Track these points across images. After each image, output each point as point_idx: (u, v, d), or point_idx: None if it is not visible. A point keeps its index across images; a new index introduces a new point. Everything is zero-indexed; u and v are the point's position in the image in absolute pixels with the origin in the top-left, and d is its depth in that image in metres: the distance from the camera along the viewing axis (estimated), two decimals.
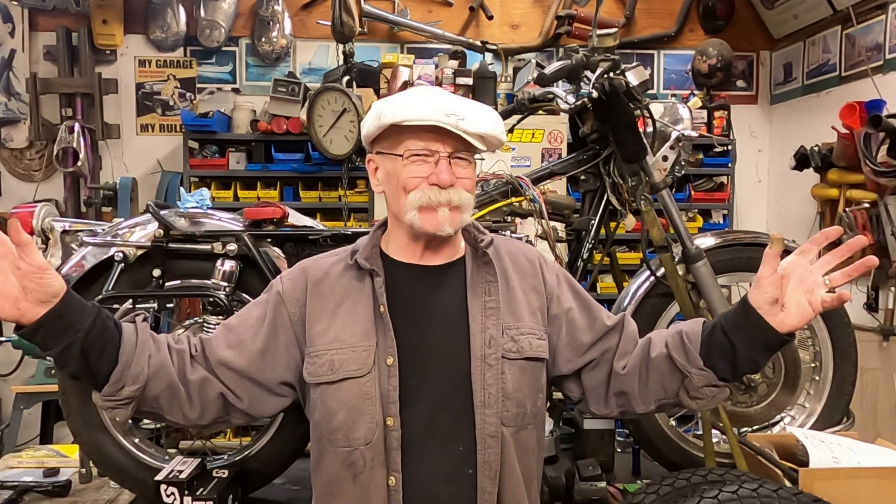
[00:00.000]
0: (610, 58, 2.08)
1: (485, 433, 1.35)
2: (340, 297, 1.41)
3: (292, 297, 1.42)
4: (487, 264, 1.44)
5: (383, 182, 1.44)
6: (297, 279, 1.44)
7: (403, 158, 1.37)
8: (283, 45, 4.36)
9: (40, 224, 2.17)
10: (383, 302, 1.38)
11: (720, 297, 2.12)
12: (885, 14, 3.59)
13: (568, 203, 2.23)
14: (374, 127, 1.39)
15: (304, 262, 1.49)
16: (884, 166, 3.23)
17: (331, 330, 1.38)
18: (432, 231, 1.36)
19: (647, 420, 2.19)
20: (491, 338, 1.38)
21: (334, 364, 1.35)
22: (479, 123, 1.37)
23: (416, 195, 1.35)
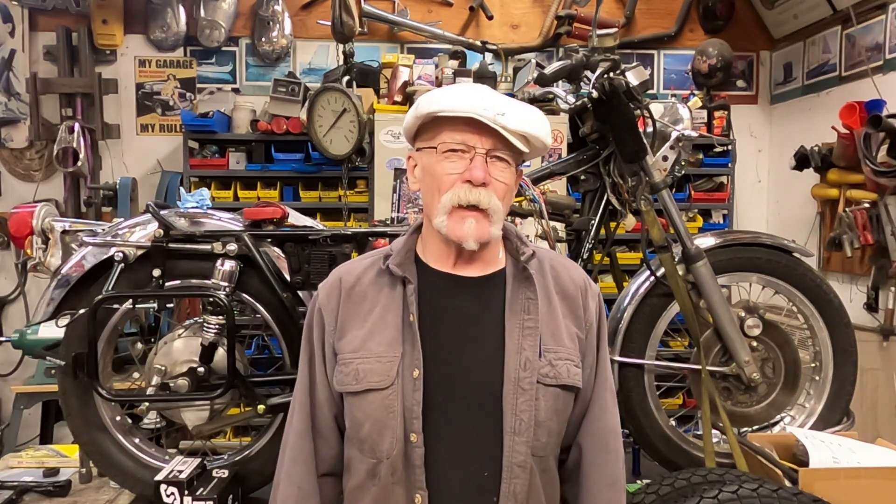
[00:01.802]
0: (610, 58, 2.08)
1: (513, 461, 1.27)
2: (372, 304, 1.35)
3: (328, 307, 1.37)
4: (528, 279, 1.36)
5: (419, 179, 1.38)
6: (332, 288, 1.38)
7: (438, 152, 1.31)
8: (283, 45, 4.36)
9: (40, 224, 2.17)
10: (413, 311, 1.31)
11: (720, 297, 2.12)
12: (885, 14, 3.59)
13: (568, 203, 2.23)
14: (412, 118, 1.35)
15: (340, 268, 1.43)
16: (884, 166, 3.23)
17: (359, 338, 1.33)
18: (456, 241, 1.30)
19: (647, 420, 2.19)
20: (527, 360, 1.30)
21: (359, 374, 1.30)
22: (520, 121, 1.29)
23: (449, 195, 1.29)
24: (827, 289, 2.25)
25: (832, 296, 2.24)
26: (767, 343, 2.18)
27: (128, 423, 2.20)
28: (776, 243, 2.23)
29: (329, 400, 1.38)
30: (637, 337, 2.17)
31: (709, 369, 2.09)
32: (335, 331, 1.35)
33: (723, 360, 2.16)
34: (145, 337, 2.26)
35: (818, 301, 2.23)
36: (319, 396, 1.38)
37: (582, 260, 2.18)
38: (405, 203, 3.84)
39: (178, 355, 2.09)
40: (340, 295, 1.37)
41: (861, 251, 3.57)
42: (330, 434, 1.39)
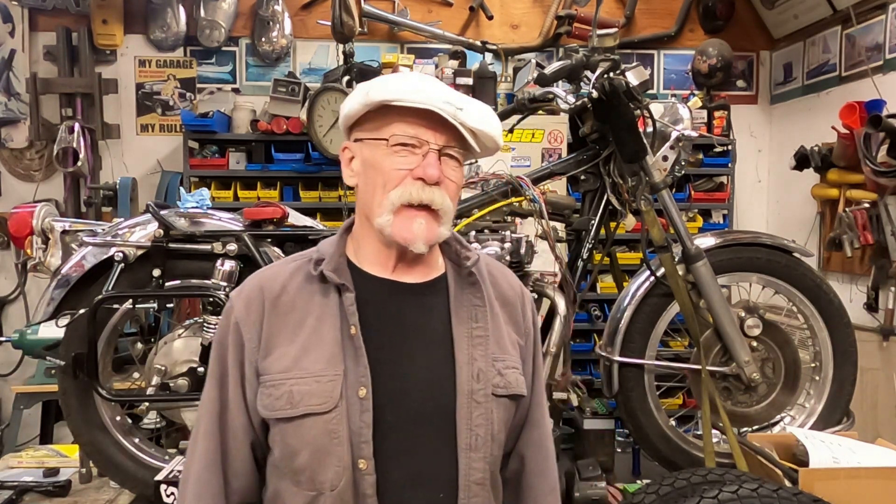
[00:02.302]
0: (610, 58, 2.08)
1: (470, 480, 1.18)
2: (302, 316, 1.20)
3: (248, 321, 1.20)
4: (474, 285, 1.27)
5: (359, 173, 1.24)
6: (252, 299, 1.21)
7: (388, 145, 1.18)
8: (283, 45, 4.36)
9: (40, 224, 2.17)
10: (354, 322, 1.17)
11: (720, 297, 2.12)
12: (885, 14, 3.59)
13: (568, 203, 2.23)
14: (360, 105, 1.20)
15: (258, 275, 1.26)
16: (884, 166, 3.23)
17: (289, 355, 1.17)
18: (402, 243, 1.19)
19: (647, 420, 2.19)
20: (479, 371, 1.21)
21: (294, 396, 1.14)
22: (478, 118, 1.20)
23: (398, 192, 1.17)
24: (827, 289, 2.25)
25: (832, 296, 2.24)
26: (767, 343, 2.18)
27: (128, 423, 2.20)
28: (776, 243, 2.23)
29: (245, 426, 1.21)
30: (637, 337, 2.17)
31: (709, 369, 2.09)
32: (258, 348, 1.19)
33: (723, 360, 2.16)
34: (145, 337, 2.26)
35: (818, 301, 2.23)
36: (233, 423, 1.20)
37: (582, 260, 2.18)
38: None
39: (178, 355, 2.10)
40: (263, 306, 1.20)
41: (861, 251, 3.57)
42: (243, 465, 1.22)
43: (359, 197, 1.25)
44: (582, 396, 2.57)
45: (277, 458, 1.19)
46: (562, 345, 2.06)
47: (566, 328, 2.06)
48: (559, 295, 2.08)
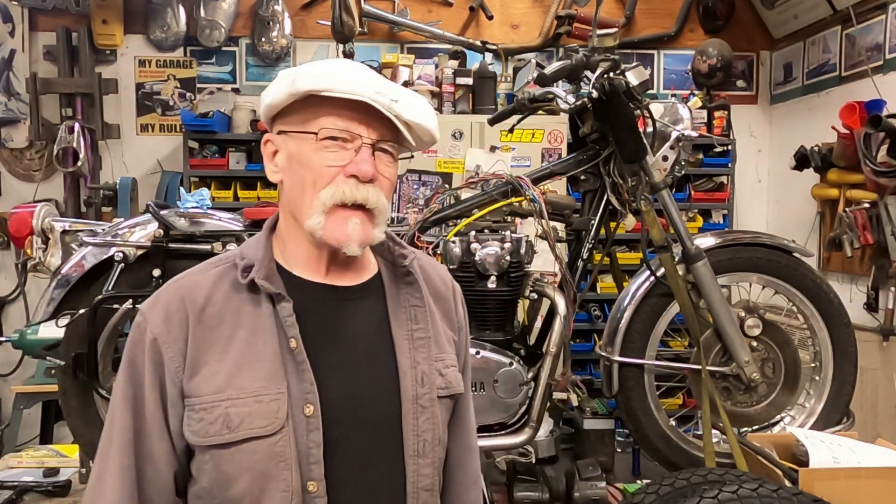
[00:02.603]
0: (610, 58, 2.08)
1: (419, 486, 1.12)
2: (231, 329, 1.08)
3: (169, 337, 1.06)
4: (411, 285, 1.20)
5: (283, 169, 1.14)
6: (172, 311, 1.08)
7: (317, 139, 1.09)
8: (283, 45, 4.36)
9: (40, 224, 2.17)
10: (294, 335, 1.08)
11: (720, 297, 2.12)
12: (885, 14, 3.59)
13: (568, 203, 2.23)
14: (285, 94, 1.09)
15: (177, 285, 1.11)
16: (884, 166, 3.23)
17: (221, 373, 1.05)
18: (335, 245, 1.10)
19: (647, 420, 2.19)
20: (423, 374, 1.15)
21: (231, 420, 1.03)
22: (414, 111, 1.11)
23: (329, 191, 1.08)
24: (827, 289, 2.25)
25: (832, 296, 2.24)
26: (767, 343, 2.18)
27: None
28: (776, 243, 2.23)
29: (168, 455, 1.07)
30: (637, 337, 2.17)
31: (709, 369, 2.09)
32: (182, 367, 1.06)
33: (723, 360, 2.16)
34: None
35: (818, 301, 2.23)
36: (153, 452, 1.07)
37: (582, 260, 2.18)
38: (405, 203, 3.84)
39: None
40: (187, 320, 1.07)
41: (861, 251, 3.57)
42: (165, 499, 1.09)
43: (284, 195, 1.15)
44: (582, 396, 2.57)
45: (207, 487, 1.06)
46: (562, 345, 2.06)
47: (566, 328, 2.06)
48: (559, 295, 2.08)
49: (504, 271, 2.06)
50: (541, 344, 2.16)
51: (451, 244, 2.07)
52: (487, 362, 2.04)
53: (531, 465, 2.25)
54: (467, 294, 2.07)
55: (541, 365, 2.08)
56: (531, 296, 2.17)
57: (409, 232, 2.08)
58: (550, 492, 2.10)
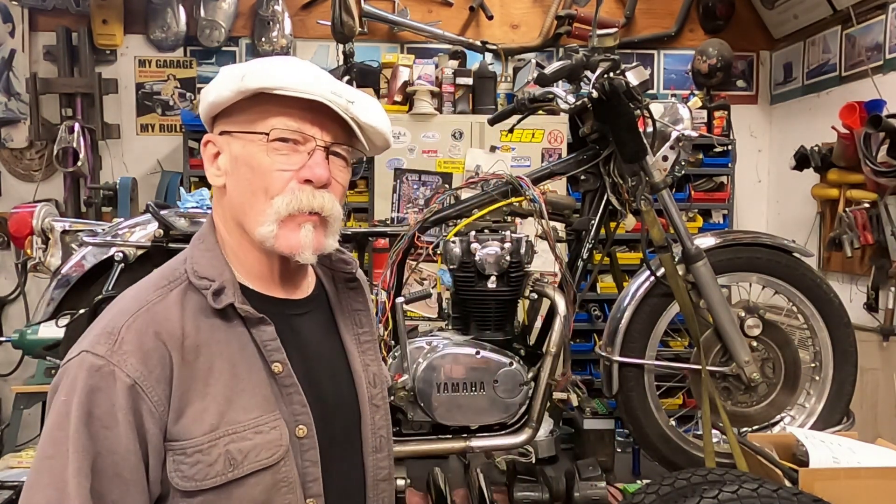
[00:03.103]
0: (610, 58, 2.08)
1: (378, 479, 1.16)
2: (209, 360, 1.00)
3: (150, 378, 0.95)
4: (355, 290, 1.20)
5: (228, 172, 1.05)
6: (148, 350, 0.96)
7: (268, 140, 1.01)
8: (283, 45, 4.36)
9: (40, 224, 2.17)
10: (280, 359, 1.03)
11: (720, 297, 2.12)
12: (885, 14, 3.59)
13: (568, 203, 2.23)
14: (232, 91, 1.01)
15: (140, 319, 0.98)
16: (884, 166, 3.23)
17: (211, 410, 0.98)
18: (287, 253, 1.04)
19: (647, 420, 2.19)
20: (374, 375, 1.17)
21: (234, 457, 0.97)
22: (371, 113, 1.07)
23: (285, 200, 1.01)
24: (827, 289, 2.25)
25: (832, 296, 2.24)
26: (767, 343, 2.18)
27: None
28: (776, 243, 2.23)
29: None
30: (637, 337, 2.17)
31: (709, 369, 2.09)
32: (167, 411, 0.96)
33: (723, 360, 2.16)
34: None
35: (818, 301, 2.23)
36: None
37: (582, 260, 2.18)
38: (405, 203, 3.84)
39: None
40: (170, 357, 0.97)
41: (861, 251, 3.57)
42: None
43: (228, 201, 1.06)
44: (582, 396, 2.57)
45: None
46: (562, 345, 2.06)
47: (566, 328, 2.06)
48: (559, 295, 2.08)
49: (504, 271, 2.06)
50: (541, 344, 2.16)
51: (451, 244, 2.07)
52: (487, 362, 2.04)
53: (531, 465, 2.25)
54: (467, 294, 2.09)
55: (541, 365, 2.08)
56: (531, 296, 2.17)
57: (409, 232, 2.08)
58: (550, 492, 2.10)
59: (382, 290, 2.06)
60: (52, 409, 0.96)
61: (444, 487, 2.20)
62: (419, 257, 2.11)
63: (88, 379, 0.94)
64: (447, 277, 2.14)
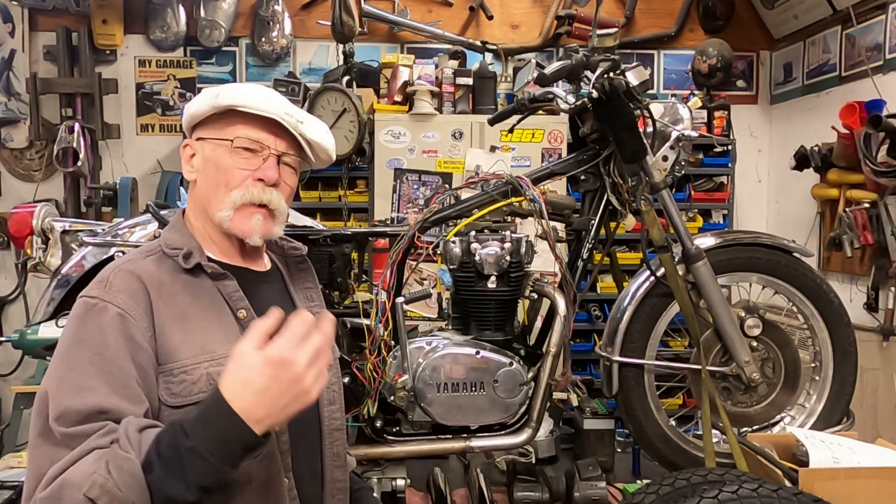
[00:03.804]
0: (610, 58, 2.08)
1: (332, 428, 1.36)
2: (183, 305, 1.22)
3: (138, 308, 1.17)
4: (304, 271, 1.45)
5: (199, 169, 1.32)
6: (133, 289, 1.19)
7: (232, 146, 1.29)
8: (283, 45, 4.36)
9: (40, 224, 2.17)
10: (245, 306, 1.27)
11: (720, 297, 2.12)
12: (885, 14, 3.59)
13: (568, 203, 2.22)
14: (208, 106, 1.30)
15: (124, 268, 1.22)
16: (884, 166, 3.23)
17: (190, 341, 1.20)
18: (240, 235, 1.30)
19: (647, 420, 2.19)
20: None
21: (213, 378, 1.15)
22: (316, 132, 1.35)
23: (240, 192, 1.28)
24: (827, 289, 2.25)
25: (832, 296, 2.24)
26: (767, 343, 2.18)
27: None
28: (776, 243, 2.23)
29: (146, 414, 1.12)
30: (637, 337, 2.17)
31: (709, 369, 2.09)
32: (154, 337, 1.17)
33: (723, 360, 2.16)
34: None
35: (818, 301, 2.23)
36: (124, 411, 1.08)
37: (582, 260, 2.18)
38: (405, 203, 3.84)
39: None
40: (148, 294, 1.19)
41: (861, 251, 3.57)
42: None
43: (197, 191, 1.33)
44: (582, 396, 2.57)
45: None
46: (562, 345, 2.06)
47: (566, 328, 2.06)
48: (559, 295, 2.08)
49: (504, 271, 2.06)
50: (541, 344, 2.16)
51: (451, 244, 2.07)
52: (487, 362, 2.04)
53: (531, 465, 2.25)
54: (467, 294, 2.09)
55: (541, 365, 2.08)
56: (531, 296, 2.17)
57: (409, 232, 2.08)
58: (550, 492, 2.10)
59: (382, 290, 2.06)
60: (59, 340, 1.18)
61: (444, 487, 2.20)
62: (419, 257, 2.11)
63: (84, 313, 1.16)
64: (447, 277, 2.14)
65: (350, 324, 2.21)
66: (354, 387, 2.06)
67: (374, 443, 2.09)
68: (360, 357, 2.09)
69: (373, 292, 2.18)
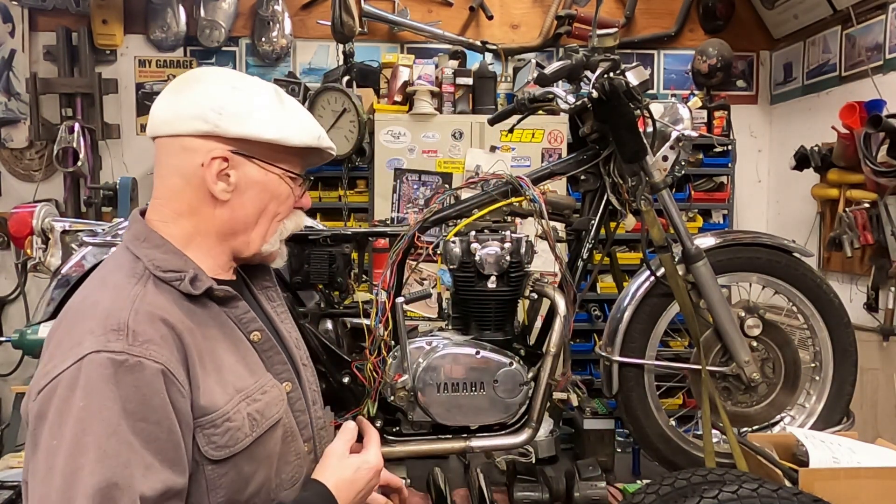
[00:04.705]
0: (610, 58, 2.08)
1: (318, 427, 1.31)
2: (197, 341, 1.09)
3: (173, 362, 1.03)
4: (261, 269, 1.34)
5: (241, 191, 1.16)
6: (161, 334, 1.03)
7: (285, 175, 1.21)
8: (283, 45, 4.36)
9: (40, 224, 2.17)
10: (258, 328, 1.19)
11: (720, 297, 2.12)
12: (885, 14, 3.59)
13: (568, 203, 2.22)
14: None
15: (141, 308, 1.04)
16: (884, 166, 3.23)
17: (220, 383, 1.09)
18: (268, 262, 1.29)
19: (647, 420, 2.19)
20: (296, 339, 1.33)
21: (255, 417, 1.11)
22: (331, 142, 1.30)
23: (292, 224, 1.25)
24: (827, 289, 2.25)
25: (832, 296, 2.24)
26: (767, 343, 2.18)
27: None
28: (776, 243, 2.23)
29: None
30: (637, 337, 2.17)
31: (709, 369, 2.09)
32: (190, 389, 1.05)
33: (723, 360, 2.16)
34: None
35: (818, 301, 2.23)
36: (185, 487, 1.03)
37: (582, 260, 2.18)
38: (405, 203, 3.84)
39: None
40: (181, 339, 1.05)
41: (861, 251, 3.57)
42: None
43: (219, 213, 1.16)
44: (582, 396, 2.56)
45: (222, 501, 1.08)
46: (562, 345, 2.06)
47: (566, 328, 2.06)
48: (559, 295, 2.08)
49: (504, 271, 2.05)
50: (541, 344, 2.16)
51: (451, 244, 2.07)
52: (487, 362, 2.03)
53: (531, 465, 2.25)
54: (467, 294, 2.08)
55: (541, 365, 2.07)
56: (531, 296, 2.16)
57: (409, 232, 2.08)
58: (550, 492, 2.10)
59: (382, 290, 2.06)
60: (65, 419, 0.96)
61: (444, 487, 2.20)
62: (419, 257, 2.11)
63: (114, 377, 0.97)
64: (447, 277, 2.14)
65: (350, 324, 2.21)
66: (354, 387, 2.06)
67: None
68: (360, 357, 2.09)
69: (373, 292, 2.18)
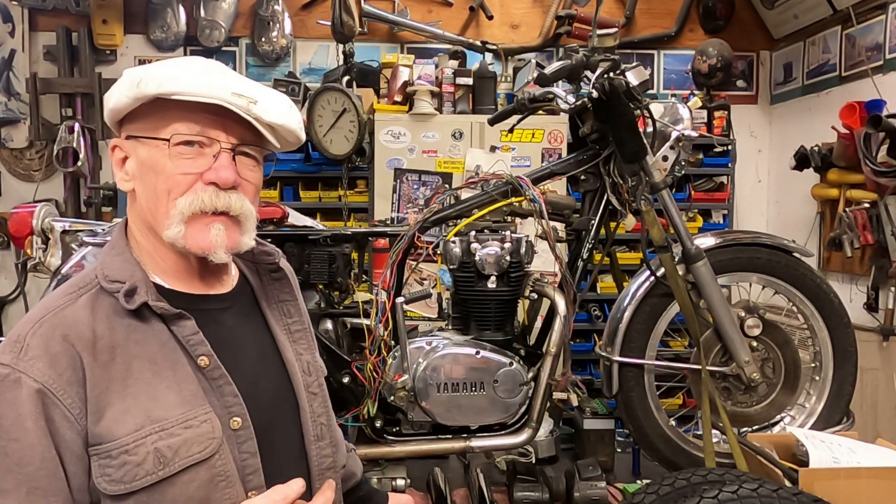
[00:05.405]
0: (610, 58, 2.08)
1: (322, 467, 1.15)
2: (125, 361, 0.98)
3: (60, 382, 0.93)
4: (280, 281, 1.21)
5: (135, 177, 1.06)
6: (56, 354, 0.95)
7: (171, 145, 1.02)
8: (283, 45, 4.36)
9: (40, 224, 2.17)
10: (205, 352, 1.03)
11: (720, 297, 2.12)
12: (885, 14, 3.58)
13: (568, 203, 2.23)
14: (129, 99, 1.01)
15: (45, 322, 0.98)
16: (884, 166, 3.23)
17: (133, 410, 0.96)
18: (199, 253, 1.05)
19: (647, 420, 2.19)
20: (308, 363, 1.18)
21: (164, 454, 0.96)
22: (277, 112, 1.06)
23: (187, 200, 1.02)
24: (827, 289, 2.25)
25: (832, 296, 2.24)
26: (767, 343, 2.18)
27: None
28: (776, 243, 2.23)
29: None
30: (637, 337, 2.17)
31: (709, 369, 2.09)
32: (84, 414, 0.94)
33: (723, 360, 2.16)
34: None
35: (818, 301, 2.23)
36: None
37: (582, 260, 2.18)
38: (405, 203, 3.84)
39: None
40: (80, 360, 0.95)
41: (861, 251, 3.57)
42: None
43: (137, 204, 1.07)
44: (582, 396, 2.57)
45: None
46: (562, 345, 2.06)
47: (566, 328, 2.06)
48: (559, 295, 2.08)
49: (504, 271, 2.06)
50: (541, 344, 2.16)
51: (451, 244, 2.07)
52: (487, 362, 2.04)
53: (531, 465, 2.25)
54: (467, 294, 2.09)
55: (541, 365, 2.08)
56: (531, 296, 2.17)
57: (409, 232, 2.08)
58: (550, 492, 2.10)
59: (382, 290, 2.06)
60: None
61: (444, 487, 2.20)
62: (419, 257, 2.11)
63: (6, 378, 0.93)
64: (447, 277, 2.14)
65: (350, 324, 2.21)
66: (354, 387, 2.07)
67: (374, 443, 2.09)
68: (360, 357, 2.09)
69: (373, 292, 2.18)
